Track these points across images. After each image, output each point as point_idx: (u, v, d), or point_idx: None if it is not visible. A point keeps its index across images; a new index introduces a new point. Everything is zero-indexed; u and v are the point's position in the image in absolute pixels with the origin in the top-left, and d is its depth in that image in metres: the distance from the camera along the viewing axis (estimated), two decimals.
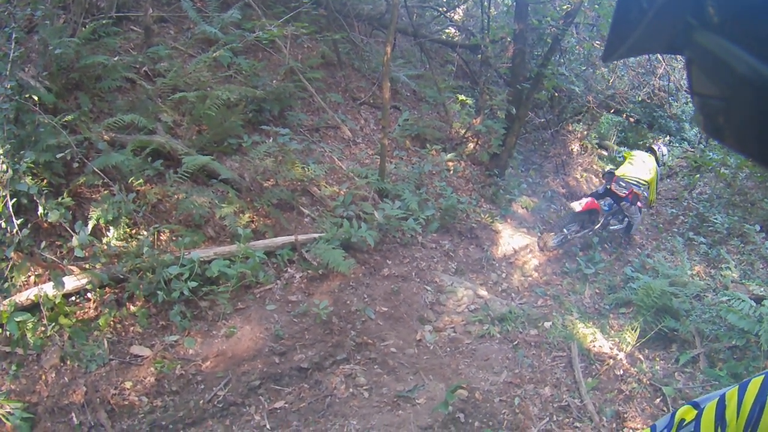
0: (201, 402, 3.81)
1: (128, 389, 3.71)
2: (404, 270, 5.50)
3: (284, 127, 5.89)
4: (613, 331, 5.32)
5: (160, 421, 3.66)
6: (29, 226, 3.97)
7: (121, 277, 4.14)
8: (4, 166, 3.90)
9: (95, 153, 4.55)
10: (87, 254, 4.10)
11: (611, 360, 4.77)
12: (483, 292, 5.61)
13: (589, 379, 4.51)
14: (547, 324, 5.20)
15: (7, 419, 3.35)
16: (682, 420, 0.70)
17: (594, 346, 4.91)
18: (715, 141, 0.53)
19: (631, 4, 0.46)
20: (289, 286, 4.79)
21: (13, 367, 3.57)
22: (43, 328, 3.72)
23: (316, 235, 5.13)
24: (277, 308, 4.54)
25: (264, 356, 4.18)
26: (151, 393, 3.76)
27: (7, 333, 3.61)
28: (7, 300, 3.70)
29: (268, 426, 3.79)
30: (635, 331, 5.06)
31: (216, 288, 4.33)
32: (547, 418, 4.09)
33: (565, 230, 6.82)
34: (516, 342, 4.89)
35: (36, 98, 4.41)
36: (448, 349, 4.73)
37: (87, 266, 4.08)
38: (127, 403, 3.67)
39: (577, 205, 6.71)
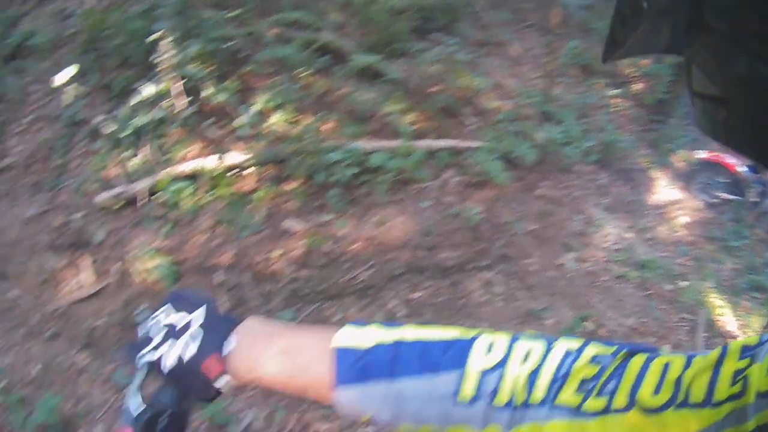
0: (342, 280, 3.75)
1: (275, 258, 3.69)
2: (558, 194, 5.22)
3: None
4: (741, 312, 4.86)
5: (301, 291, 3.63)
6: (195, 106, 4.14)
7: (282, 157, 4.12)
8: (174, 51, 4.09)
9: (261, 46, 4.64)
10: (251, 133, 4.19)
11: (731, 340, 3.92)
12: (629, 234, 5.37)
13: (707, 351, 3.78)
14: (683, 283, 4.89)
15: (155, 271, 3.49)
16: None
17: (720, 321, 4.63)
18: (715, 141, 0.45)
19: (631, 4, 0.44)
20: (445, 188, 4.54)
21: (166, 228, 3.71)
22: (199, 197, 3.83)
23: (476, 144, 4.88)
24: (430, 206, 4.34)
25: (411, 248, 4.05)
26: (297, 264, 3.73)
27: (164, 198, 3.77)
28: (168, 170, 3.87)
29: (402, 312, 3.71)
30: (763, 318, 4.77)
31: (375, 177, 4.21)
32: None
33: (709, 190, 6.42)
34: (650, 292, 4.65)
35: None
36: (586, 280, 4.54)
37: (250, 146, 4.15)
38: (271, 270, 3.66)
39: (702, 153, 6.39)
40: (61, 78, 4.22)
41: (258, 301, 3.53)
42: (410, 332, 0.69)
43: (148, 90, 3.97)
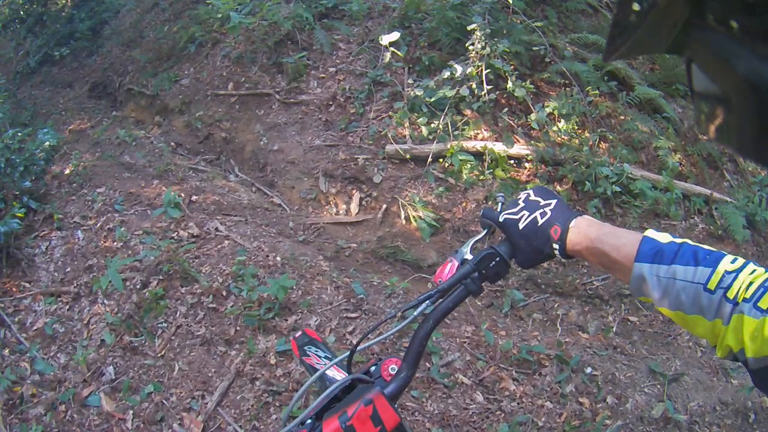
0: (577, 282, 3.89)
1: None
2: None
3: None
4: None
5: (536, 279, 3.83)
6: (494, 94, 4.43)
7: (559, 161, 4.42)
8: (483, 44, 4.43)
9: (559, 58, 4.84)
10: (537, 132, 4.41)
11: None
12: None
13: None
14: None
15: (416, 220, 3.73)
16: None
17: None
18: (715, 141, 0.48)
19: (632, 4, 0.44)
20: (691, 231, 4.57)
21: (441, 189, 4.00)
22: (478, 173, 4.09)
23: (728, 199, 4.91)
24: None
25: None
26: None
27: (448, 164, 4.06)
28: (458, 141, 4.17)
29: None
30: None
31: (633, 201, 4.34)
32: None
33: None
34: None
35: (509, 1, 4.91)
36: None
37: (532, 142, 4.42)
38: None
39: None
40: (387, 39, 4.71)
41: None
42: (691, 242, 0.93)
43: (457, 70, 4.31)
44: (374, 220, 3.84)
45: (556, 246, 1.08)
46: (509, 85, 4.40)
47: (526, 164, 4.33)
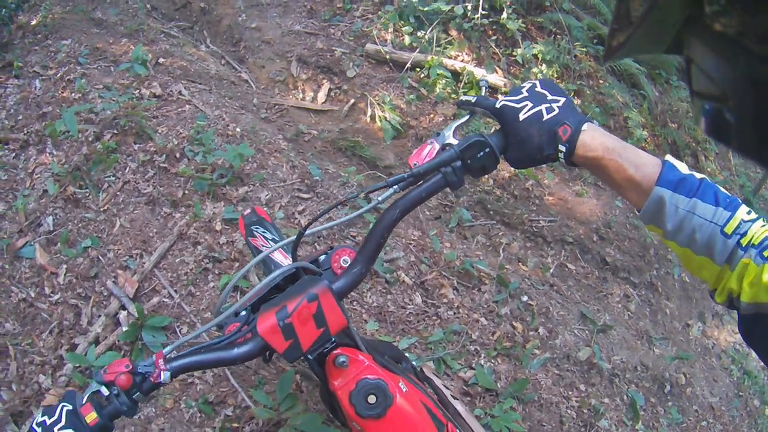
0: (525, 217, 3.81)
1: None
2: None
3: None
4: None
5: (487, 204, 3.72)
6: (487, 21, 4.26)
7: None
8: None
9: (555, 8, 4.69)
10: (520, 69, 4.36)
11: None
12: None
13: None
14: None
15: (382, 120, 3.62)
16: None
17: None
18: (715, 141, 0.47)
19: (631, 3, 0.43)
20: None
21: (412, 96, 3.88)
22: (452, 90, 3.97)
23: None
24: None
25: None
26: (498, 185, 3.83)
27: (423, 75, 3.92)
28: (436, 57, 4.02)
29: None
30: None
31: None
32: None
33: None
34: None
35: None
36: None
37: (510, 78, 4.33)
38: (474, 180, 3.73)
39: None
40: None
41: (446, 192, 3.60)
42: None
43: None
44: (339, 113, 3.72)
45: (562, 148, 0.96)
46: (503, 17, 4.25)
47: (500, 95, 4.22)
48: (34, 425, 0.97)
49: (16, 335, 2.67)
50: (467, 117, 1.15)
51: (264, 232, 1.96)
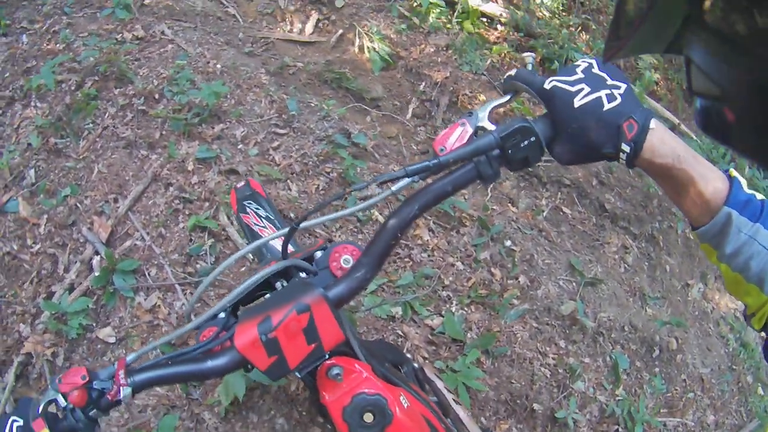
0: None
1: (476, 98, 3.44)
2: None
3: None
4: None
5: None
6: None
7: (533, 32, 3.93)
8: None
9: None
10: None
11: None
12: None
13: None
14: None
15: (370, 51, 3.30)
16: None
17: None
18: (715, 141, 0.45)
19: (631, 4, 0.42)
20: None
21: (403, 26, 3.58)
22: (446, 21, 3.60)
23: (693, 136, 4.39)
24: None
25: None
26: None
27: (416, 3, 3.56)
28: None
29: None
30: None
31: None
32: None
33: None
34: None
35: None
36: None
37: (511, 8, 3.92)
38: (467, 106, 3.40)
39: None
40: None
41: (439, 122, 3.25)
42: None
43: None
44: (327, 44, 3.41)
45: (626, 148, 0.75)
46: None
47: (499, 26, 3.81)
48: None
49: (1, 287, 2.57)
50: (508, 97, 0.89)
51: (257, 209, 1.67)
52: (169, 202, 2.64)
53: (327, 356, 0.85)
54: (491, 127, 0.83)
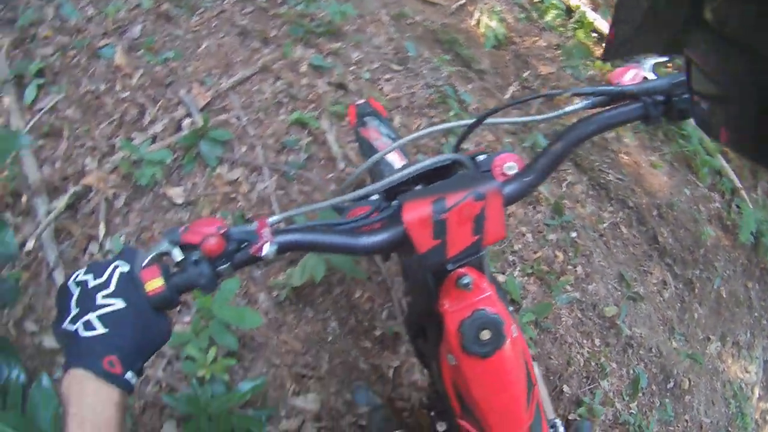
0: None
1: None
2: None
3: None
4: None
5: None
6: None
7: None
8: None
9: None
10: None
11: None
12: None
13: None
14: None
15: (486, 27, 3.35)
16: None
17: None
18: (715, 141, 0.45)
19: (632, 4, 0.42)
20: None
21: (521, 16, 3.61)
22: (560, 22, 3.69)
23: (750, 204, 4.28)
24: None
25: None
26: None
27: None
28: None
29: None
30: None
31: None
32: None
33: None
34: None
35: None
36: None
37: None
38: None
39: None
40: None
41: (533, 110, 3.26)
42: None
43: None
44: (447, 9, 3.41)
45: None
46: None
47: (604, 44, 3.85)
48: (71, 282, 0.69)
49: (74, 121, 2.52)
50: (667, 58, 0.90)
51: (378, 126, 1.65)
52: (275, 94, 2.62)
53: (481, 251, 0.82)
54: (653, 77, 0.84)
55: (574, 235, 2.77)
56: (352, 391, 1.94)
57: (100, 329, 0.63)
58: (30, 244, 2.14)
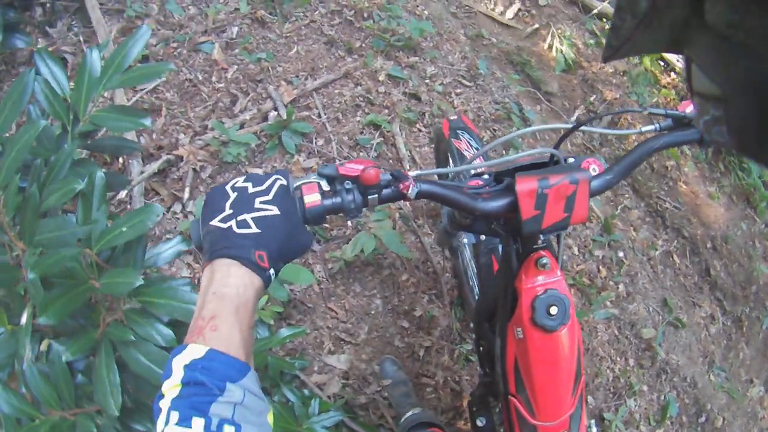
0: None
1: None
2: None
3: None
4: None
5: None
6: None
7: None
8: None
9: None
10: None
11: None
12: None
13: None
14: None
15: (557, 52, 3.44)
16: None
17: None
18: (715, 141, 0.41)
19: (632, 4, 0.41)
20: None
21: (591, 41, 3.68)
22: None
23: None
24: None
25: None
26: None
27: (607, 26, 3.65)
28: None
29: None
30: None
31: None
32: None
33: None
34: None
35: None
36: None
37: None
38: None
39: None
40: None
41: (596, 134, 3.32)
42: None
43: None
44: (522, 32, 3.54)
45: None
46: None
47: (672, 73, 3.81)
48: (228, 187, 0.76)
49: (172, 102, 2.78)
50: None
51: (470, 139, 1.86)
52: (354, 97, 2.82)
53: (566, 229, 0.97)
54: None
55: (621, 254, 2.82)
56: (380, 362, 2.09)
57: (254, 229, 0.70)
58: (122, 194, 2.38)
